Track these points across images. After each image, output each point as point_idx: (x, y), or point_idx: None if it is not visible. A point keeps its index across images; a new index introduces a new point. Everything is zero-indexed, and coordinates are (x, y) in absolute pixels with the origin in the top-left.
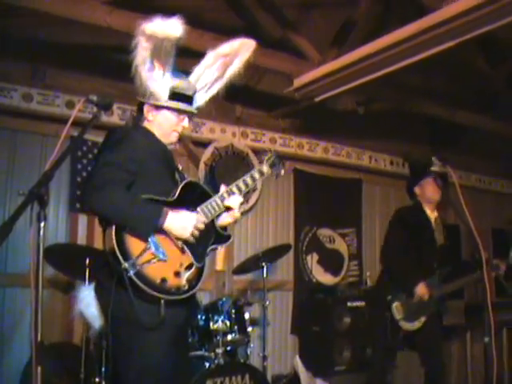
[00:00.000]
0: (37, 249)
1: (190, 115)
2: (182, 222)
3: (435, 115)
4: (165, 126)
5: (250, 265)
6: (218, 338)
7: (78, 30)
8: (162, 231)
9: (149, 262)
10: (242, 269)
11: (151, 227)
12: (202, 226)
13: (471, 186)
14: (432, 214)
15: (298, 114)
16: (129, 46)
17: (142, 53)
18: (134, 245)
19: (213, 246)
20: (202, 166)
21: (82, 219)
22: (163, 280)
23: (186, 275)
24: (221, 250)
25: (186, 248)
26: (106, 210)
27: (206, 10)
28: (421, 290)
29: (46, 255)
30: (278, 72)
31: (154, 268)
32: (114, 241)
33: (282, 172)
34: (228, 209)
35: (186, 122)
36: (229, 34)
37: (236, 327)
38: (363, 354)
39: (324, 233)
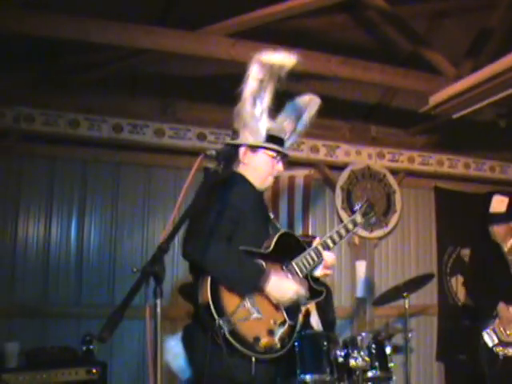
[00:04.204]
0: (154, 325)
1: (285, 158)
2: (283, 290)
3: None
4: (261, 169)
5: (391, 296)
6: (358, 374)
7: (205, 62)
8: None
9: (243, 319)
10: (382, 300)
11: (251, 288)
12: (301, 296)
13: None
14: (505, 243)
15: (435, 129)
16: None
17: (253, 84)
18: (229, 300)
19: (307, 302)
20: (338, 190)
21: None
22: (256, 339)
23: (279, 333)
24: (361, 277)
25: (280, 305)
26: (207, 263)
27: (331, 29)
28: (502, 309)
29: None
30: (412, 90)
31: (248, 325)
32: (209, 295)
33: (373, 220)
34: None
35: (280, 166)
36: (357, 54)
37: (377, 363)
38: None
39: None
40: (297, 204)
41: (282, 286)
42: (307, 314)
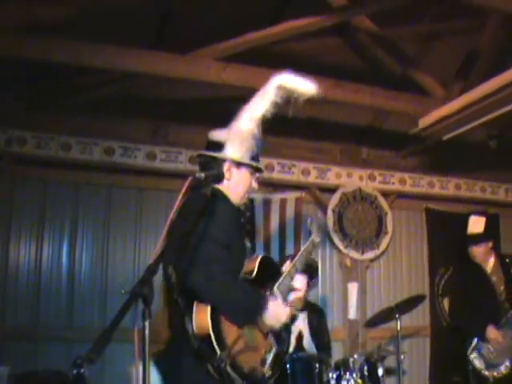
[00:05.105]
0: (143, 349)
1: (259, 174)
2: (278, 316)
3: None
4: (241, 185)
5: (382, 317)
6: None
7: (196, 85)
8: None
9: (241, 350)
10: (374, 321)
11: (255, 318)
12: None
13: None
14: (486, 263)
15: (426, 151)
16: (247, 95)
17: (267, 105)
18: (229, 331)
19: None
20: (329, 213)
21: None
22: (252, 369)
23: (268, 361)
24: (353, 299)
25: (269, 334)
26: (211, 295)
27: (321, 52)
28: (491, 333)
29: None
30: (402, 112)
31: (245, 357)
32: (210, 326)
33: (323, 226)
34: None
35: (256, 184)
36: (348, 76)
37: None
38: None
39: None
40: (288, 227)
41: (277, 312)
42: (300, 337)
